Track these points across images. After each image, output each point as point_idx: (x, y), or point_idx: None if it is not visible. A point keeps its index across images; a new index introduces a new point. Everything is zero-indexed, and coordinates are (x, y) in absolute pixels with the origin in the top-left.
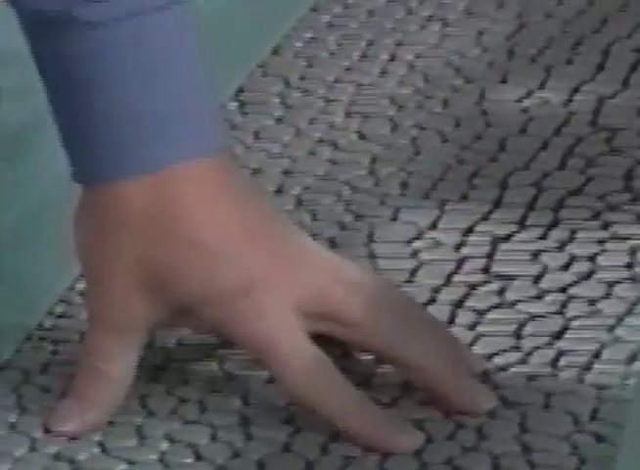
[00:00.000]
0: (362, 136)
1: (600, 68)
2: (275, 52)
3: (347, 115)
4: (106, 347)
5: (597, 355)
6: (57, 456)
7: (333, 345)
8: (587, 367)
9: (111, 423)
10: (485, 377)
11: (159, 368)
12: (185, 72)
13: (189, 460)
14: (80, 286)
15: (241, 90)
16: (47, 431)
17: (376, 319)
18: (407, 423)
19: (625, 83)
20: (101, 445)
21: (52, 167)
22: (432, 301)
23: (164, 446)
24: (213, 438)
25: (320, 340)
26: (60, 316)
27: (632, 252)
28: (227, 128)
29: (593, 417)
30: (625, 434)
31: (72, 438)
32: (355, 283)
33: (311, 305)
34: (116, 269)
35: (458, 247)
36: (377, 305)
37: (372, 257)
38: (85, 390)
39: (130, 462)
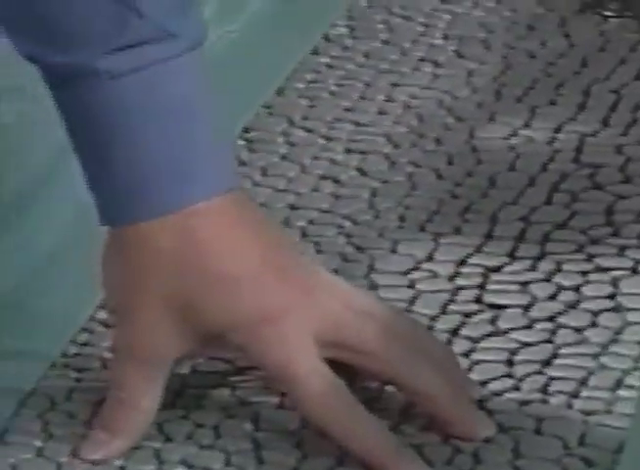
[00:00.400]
0: (362, 172)
1: (581, 107)
2: (279, 93)
3: (347, 152)
4: (134, 380)
5: (584, 382)
6: None
7: (339, 370)
8: (575, 394)
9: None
10: (481, 403)
11: (175, 394)
12: (201, 116)
13: None
14: (101, 315)
15: (247, 129)
16: (76, 457)
17: (387, 348)
18: (415, 454)
19: (605, 123)
20: (122, 469)
21: (74, 201)
22: (429, 329)
23: None
24: (227, 463)
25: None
26: (83, 344)
27: (614, 283)
28: (236, 165)
29: (581, 442)
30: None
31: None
32: (367, 311)
33: (327, 332)
34: (145, 304)
35: (452, 278)
36: (388, 333)
37: (372, 287)
38: (113, 420)
39: None
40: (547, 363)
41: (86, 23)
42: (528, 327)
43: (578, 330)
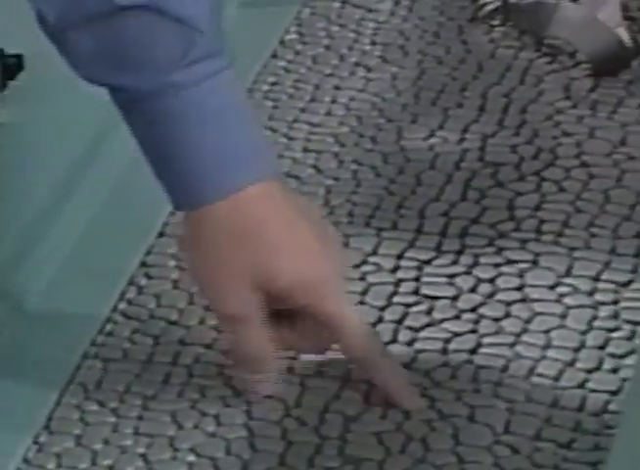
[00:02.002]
0: (317, 170)
1: (482, 110)
2: (249, 93)
3: (305, 151)
4: (246, 332)
5: (504, 371)
6: (112, 468)
7: None
8: (499, 383)
9: (150, 436)
10: (424, 391)
11: (183, 384)
12: (245, 117)
13: None
14: (122, 306)
15: None
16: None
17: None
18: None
19: (500, 124)
20: (143, 457)
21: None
22: (379, 320)
23: (191, 458)
24: (228, 452)
25: None
26: (108, 334)
27: (521, 274)
28: (274, 156)
29: (507, 430)
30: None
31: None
32: None
33: None
34: (225, 275)
35: (394, 271)
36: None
37: None
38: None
39: None
40: (473, 352)
41: (162, 47)
42: (457, 317)
43: (496, 320)
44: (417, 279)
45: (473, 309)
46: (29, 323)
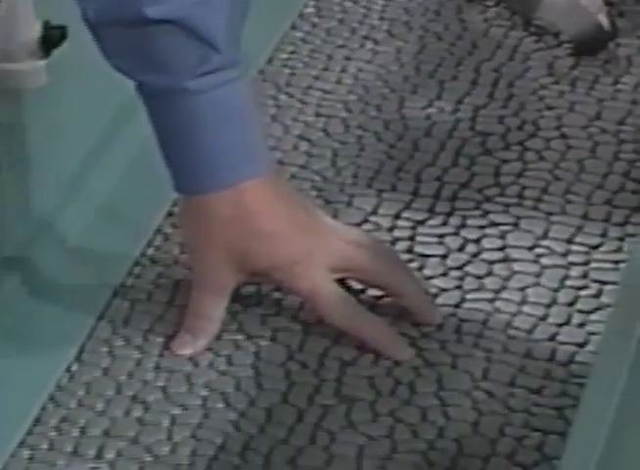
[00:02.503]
0: (326, 134)
1: (474, 83)
2: (269, 62)
3: (316, 115)
4: (208, 301)
5: (485, 324)
6: (134, 398)
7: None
8: (479, 334)
9: (170, 371)
10: (413, 341)
11: None
12: (252, 118)
13: (220, 406)
14: (150, 252)
15: None
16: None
17: (373, 264)
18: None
19: (491, 97)
20: (162, 389)
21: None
22: None
23: (205, 393)
24: (237, 388)
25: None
26: (136, 277)
27: (503, 236)
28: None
29: (485, 377)
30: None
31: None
32: (359, 242)
33: (337, 263)
34: (211, 251)
35: (391, 230)
36: (373, 254)
37: None
38: (195, 327)
39: (183, 406)
40: (458, 306)
41: (181, 58)
42: (445, 274)
43: (479, 278)
44: (411, 238)
45: (459, 267)
46: (68, 264)
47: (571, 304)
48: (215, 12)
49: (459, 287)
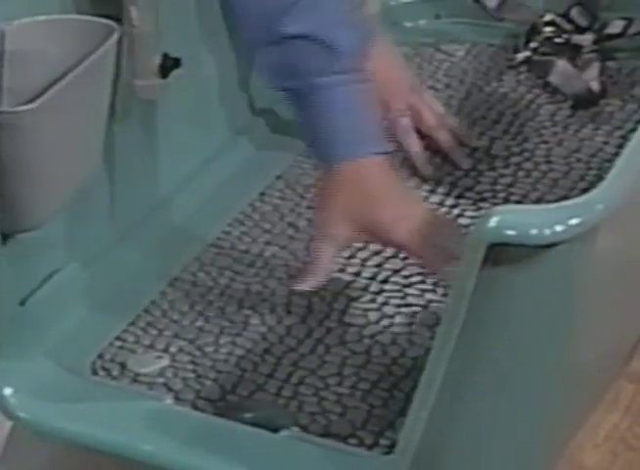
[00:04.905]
0: None
1: (496, 122)
2: None
3: None
4: (326, 250)
5: None
6: (200, 312)
7: None
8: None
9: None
10: None
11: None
12: (368, 111)
13: (256, 322)
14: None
15: None
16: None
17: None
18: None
19: (505, 132)
20: (221, 309)
21: None
22: None
23: (247, 312)
24: (272, 311)
25: None
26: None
27: None
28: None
29: None
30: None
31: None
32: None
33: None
34: (334, 210)
35: None
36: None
37: None
38: (315, 268)
39: (230, 320)
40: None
41: (310, 63)
42: None
43: None
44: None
45: None
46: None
47: None
48: (339, 27)
49: None
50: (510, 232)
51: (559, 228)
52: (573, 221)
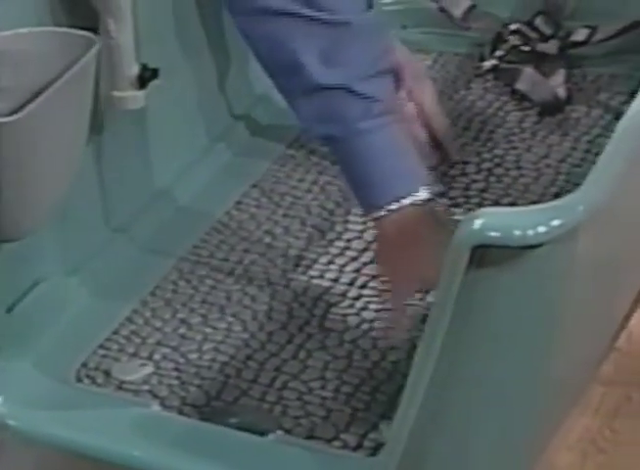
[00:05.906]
0: None
1: (466, 129)
2: None
3: None
4: (402, 301)
5: None
6: (183, 320)
7: None
8: None
9: (210, 304)
10: None
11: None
12: (407, 152)
13: (239, 328)
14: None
15: None
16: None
17: None
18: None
19: (475, 139)
20: (203, 316)
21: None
22: None
23: (230, 319)
24: (254, 317)
25: None
26: None
27: None
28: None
29: None
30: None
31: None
32: None
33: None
34: (395, 266)
35: None
36: None
37: None
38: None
39: (212, 327)
40: None
41: (347, 111)
42: None
43: None
44: None
45: None
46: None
47: None
48: (372, 79)
49: None
50: (494, 234)
51: (541, 229)
52: (555, 222)
